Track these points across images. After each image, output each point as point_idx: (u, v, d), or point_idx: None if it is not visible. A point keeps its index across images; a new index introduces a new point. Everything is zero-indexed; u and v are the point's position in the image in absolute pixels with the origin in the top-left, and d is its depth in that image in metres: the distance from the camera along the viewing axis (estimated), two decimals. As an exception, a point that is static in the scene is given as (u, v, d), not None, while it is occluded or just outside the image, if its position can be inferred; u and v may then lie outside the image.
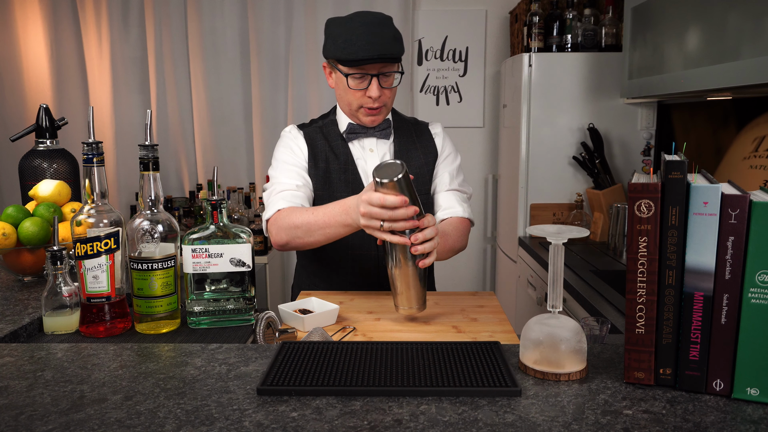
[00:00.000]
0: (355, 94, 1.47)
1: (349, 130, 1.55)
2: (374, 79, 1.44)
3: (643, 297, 0.79)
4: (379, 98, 1.46)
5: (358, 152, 1.56)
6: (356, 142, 1.56)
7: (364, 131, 1.55)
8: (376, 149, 1.56)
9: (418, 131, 1.62)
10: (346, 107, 1.53)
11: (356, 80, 1.45)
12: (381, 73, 1.44)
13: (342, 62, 1.42)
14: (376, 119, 1.52)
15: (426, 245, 1.22)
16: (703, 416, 0.73)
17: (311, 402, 0.77)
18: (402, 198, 1.16)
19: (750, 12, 1.51)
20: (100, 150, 1.09)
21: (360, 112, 1.50)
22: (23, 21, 3.36)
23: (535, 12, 2.66)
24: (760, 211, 0.73)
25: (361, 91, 1.46)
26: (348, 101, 1.50)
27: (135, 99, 3.41)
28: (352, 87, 1.45)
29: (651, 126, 2.67)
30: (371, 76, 1.43)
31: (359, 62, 1.40)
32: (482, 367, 0.86)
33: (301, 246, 1.42)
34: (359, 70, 1.42)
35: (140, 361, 0.92)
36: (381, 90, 1.45)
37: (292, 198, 1.47)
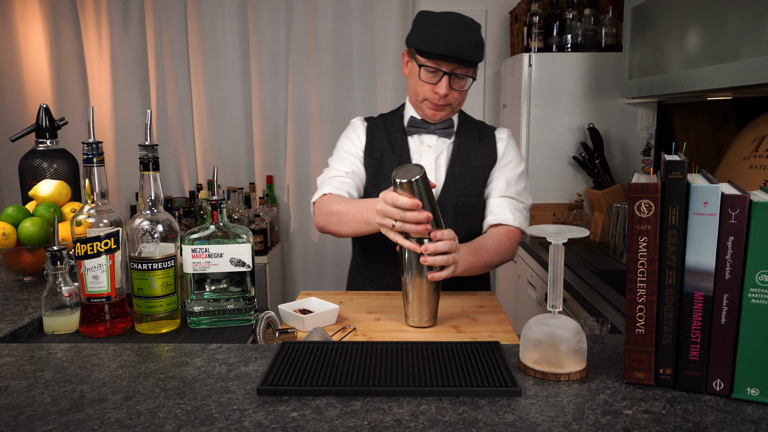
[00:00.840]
0: (424, 86, 1.48)
1: (410, 124, 1.57)
2: (445, 77, 1.45)
3: (643, 297, 0.79)
4: (445, 96, 1.47)
5: (416, 146, 1.57)
6: (416, 137, 1.57)
7: (426, 127, 1.56)
8: (434, 146, 1.56)
9: (482, 134, 1.61)
10: (414, 97, 1.54)
11: (429, 73, 1.46)
12: (453, 73, 1.45)
13: (419, 52, 1.44)
14: (437, 115, 1.53)
15: (437, 258, 1.22)
16: (703, 416, 0.73)
17: (311, 402, 0.77)
18: (414, 201, 1.16)
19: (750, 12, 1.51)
20: (100, 150, 1.09)
21: (424, 104, 1.52)
22: (23, 21, 3.36)
23: (535, 12, 2.66)
24: (760, 211, 0.73)
25: (430, 84, 1.47)
26: (416, 91, 1.51)
27: (135, 99, 3.41)
28: (423, 79, 1.47)
29: (651, 126, 2.67)
30: (443, 73, 1.45)
31: (435, 56, 1.42)
32: (482, 367, 0.86)
33: (335, 233, 1.46)
34: (433, 64, 1.44)
35: (140, 361, 0.92)
36: (449, 89, 1.46)
37: (340, 184, 1.51)
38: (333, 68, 3.28)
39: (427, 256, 1.22)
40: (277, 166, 3.43)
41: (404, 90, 3.27)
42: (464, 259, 1.34)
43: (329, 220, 1.44)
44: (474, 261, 1.38)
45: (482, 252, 1.42)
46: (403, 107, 1.64)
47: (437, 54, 1.41)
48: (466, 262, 1.35)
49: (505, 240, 1.48)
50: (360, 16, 3.23)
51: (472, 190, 1.55)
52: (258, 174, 3.43)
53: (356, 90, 3.30)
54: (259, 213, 3.21)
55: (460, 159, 1.56)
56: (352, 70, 3.29)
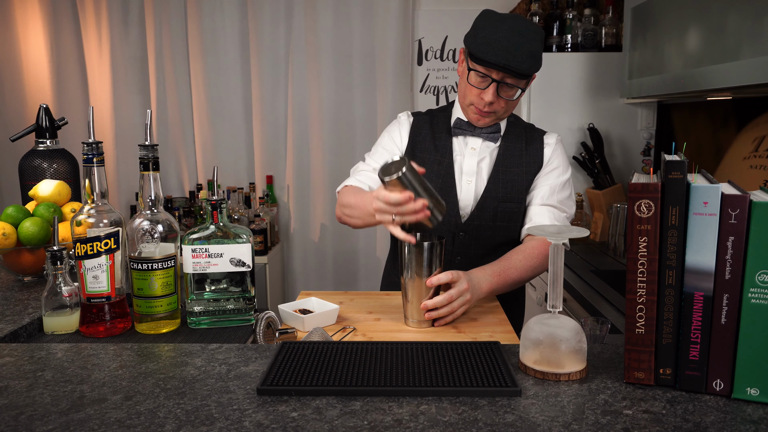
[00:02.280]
0: (472, 90, 1.45)
1: (456, 125, 1.55)
2: (493, 84, 1.41)
3: (643, 297, 0.79)
4: (491, 104, 1.44)
5: (460, 147, 1.54)
6: (461, 138, 1.55)
7: (472, 129, 1.53)
8: (478, 149, 1.54)
9: (530, 138, 1.57)
10: (462, 98, 1.52)
11: (478, 78, 1.43)
12: (503, 82, 1.41)
13: (472, 56, 1.41)
14: (482, 120, 1.50)
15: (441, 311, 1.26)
16: (703, 416, 0.73)
17: (311, 402, 0.77)
18: (405, 195, 1.16)
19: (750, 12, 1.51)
20: (100, 150, 1.09)
21: (470, 109, 1.49)
22: (23, 21, 3.36)
23: (535, 12, 2.66)
24: (760, 211, 0.73)
25: (478, 90, 1.44)
26: (464, 93, 1.49)
27: (135, 99, 3.41)
28: (472, 83, 1.44)
29: (651, 126, 2.66)
30: (492, 80, 1.41)
31: (485, 63, 1.38)
32: (482, 367, 0.86)
33: (349, 225, 1.47)
34: (483, 70, 1.40)
35: (140, 361, 0.92)
36: (497, 97, 1.43)
37: (365, 178, 1.53)
38: (333, 68, 3.28)
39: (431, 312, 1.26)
40: (277, 166, 3.43)
41: (404, 90, 3.28)
42: (487, 282, 1.35)
43: (344, 211, 1.46)
44: (499, 282, 1.38)
45: (508, 271, 1.40)
46: (452, 105, 1.62)
47: (487, 62, 1.37)
48: (490, 285, 1.36)
49: (537, 254, 1.44)
50: (360, 16, 3.23)
51: (513, 197, 1.51)
52: (258, 174, 3.43)
53: (356, 90, 3.30)
54: (259, 213, 3.21)
55: (504, 164, 1.52)
56: (352, 70, 3.29)
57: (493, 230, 1.52)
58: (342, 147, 3.33)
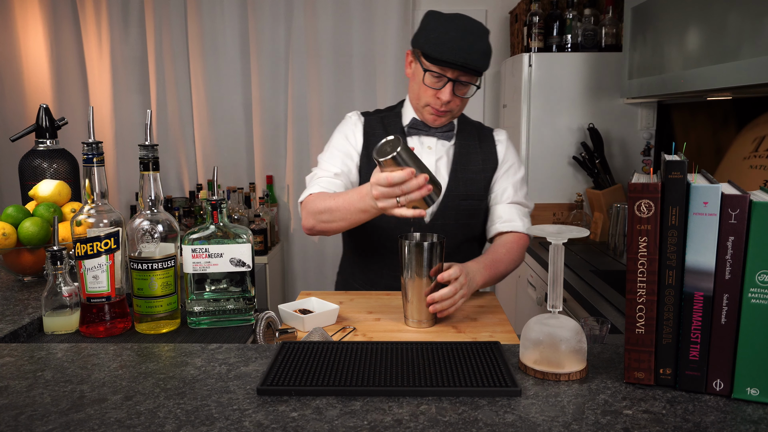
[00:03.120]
0: (427, 91, 1.46)
1: (411, 125, 1.55)
2: (449, 83, 1.43)
3: (643, 297, 0.79)
4: (448, 103, 1.46)
5: (416, 147, 1.55)
6: (416, 138, 1.56)
7: (427, 129, 1.55)
8: (434, 148, 1.55)
9: (482, 136, 1.61)
10: (414, 100, 1.52)
11: (433, 78, 1.44)
12: (458, 80, 1.43)
13: (426, 56, 1.42)
14: (438, 120, 1.52)
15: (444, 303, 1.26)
16: (703, 416, 0.73)
17: (311, 402, 0.77)
18: (407, 170, 1.14)
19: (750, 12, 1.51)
20: (100, 150, 1.09)
21: (425, 110, 1.50)
22: (23, 21, 3.36)
23: (535, 12, 2.66)
24: (760, 211, 0.73)
25: (433, 90, 1.45)
26: (418, 95, 1.49)
27: (135, 99, 3.41)
28: (427, 84, 1.45)
29: (651, 126, 2.66)
30: (448, 79, 1.43)
31: (441, 63, 1.39)
32: (482, 367, 0.86)
33: (326, 232, 1.42)
34: (439, 69, 1.42)
35: (140, 361, 0.92)
36: (452, 96, 1.45)
37: (327, 184, 1.48)
38: (333, 68, 3.28)
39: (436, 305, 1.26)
40: (277, 166, 3.43)
41: (404, 90, 3.28)
42: (480, 274, 1.38)
43: (319, 218, 1.40)
44: (490, 275, 1.42)
45: (497, 264, 1.44)
46: (401, 105, 1.62)
47: (444, 61, 1.39)
48: (483, 277, 1.39)
49: (516, 248, 1.51)
50: (360, 16, 3.23)
51: (474, 194, 1.54)
52: (258, 174, 3.43)
53: (356, 90, 3.30)
54: (259, 213, 3.21)
55: (461, 163, 1.55)
56: (352, 70, 3.29)
57: (456, 228, 1.53)
58: (342, 147, 3.33)
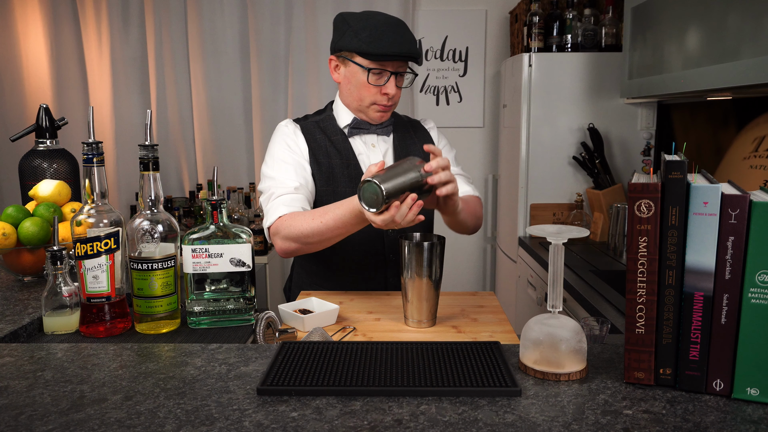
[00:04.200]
0: (371, 90, 1.47)
1: (353, 125, 1.55)
2: (392, 77, 1.45)
3: (643, 297, 0.79)
4: (393, 97, 1.48)
5: (360, 148, 1.56)
6: (357, 138, 1.56)
7: (367, 127, 1.55)
8: (377, 145, 1.57)
9: (414, 127, 1.66)
10: (356, 102, 1.51)
11: (375, 76, 1.45)
12: (398, 72, 1.46)
13: (366, 55, 1.41)
14: (384, 116, 1.53)
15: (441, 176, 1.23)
16: (703, 416, 0.73)
17: (311, 402, 0.77)
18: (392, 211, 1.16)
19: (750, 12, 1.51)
20: (100, 150, 1.09)
21: (371, 109, 1.51)
22: (23, 21, 3.36)
23: (535, 12, 2.66)
24: (760, 211, 0.73)
25: (377, 87, 1.46)
26: (360, 96, 1.49)
27: (135, 99, 3.41)
28: (371, 82, 1.45)
29: (651, 126, 2.66)
30: (390, 73, 1.44)
31: (385, 57, 1.40)
32: (482, 367, 0.86)
33: (311, 251, 1.40)
34: (380, 65, 1.43)
35: (140, 361, 0.92)
36: (396, 89, 1.47)
37: (292, 202, 1.42)
38: (333, 68, 3.28)
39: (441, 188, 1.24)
40: (277, 166, 3.43)
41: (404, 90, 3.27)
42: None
43: (304, 241, 1.35)
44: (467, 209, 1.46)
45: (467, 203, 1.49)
46: (330, 108, 1.61)
47: (386, 55, 1.40)
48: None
49: (476, 204, 1.56)
50: (360, 16, 3.23)
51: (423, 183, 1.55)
52: (258, 174, 3.43)
53: (356, 90, 3.30)
54: (259, 213, 3.21)
55: (404, 155, 1.57)
56: (352, 70, 3.29)
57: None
58: (342, 147, 3.33)
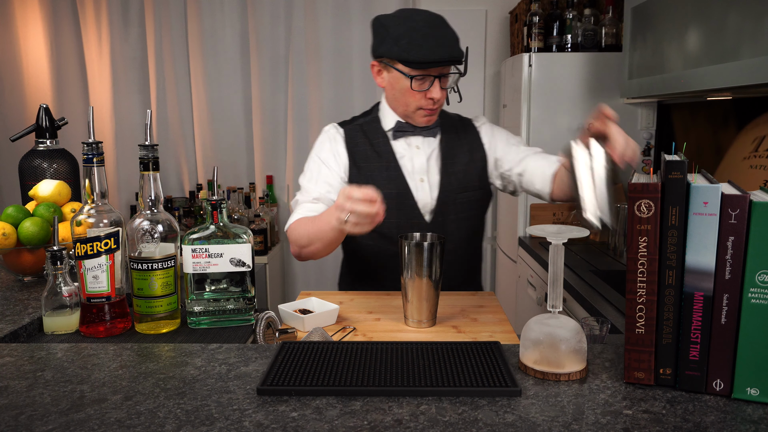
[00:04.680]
0: (416, 96, 1.43)
1: (397, 128, 1.53)
2: (436, 81, 1.40)
3: (643, 297, 0.79)
4: (438, 100, 1.44)
5: (403, 149, 1.54)
6: (402, 140, 1.54)
7: (412, 129, 1.53)
8: (422, 146, 1.54)
9: (464, 127, 1.60)
10: (402, 108, 1.49)
11: (418, 82, 1.41)
12: (442, 75, 1.41)
13: (407, 63, 1.37)
14: (431, 119, 1.50)
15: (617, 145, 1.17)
16: (703, 416, 0.73)
17: (311, 402, 0.77)
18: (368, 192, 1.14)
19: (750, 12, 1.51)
20: (100, 150, 1.09)
21: (417, 114, 1.48)
22: (23, 21, 3.36)
23: (535, 12, 2.66)
24: (760, 211, 0.73)
25: (422, 92, 1.42)
26: (406, 102, 1.46)
27: (135, 99, 3.41)
28: (415, 89, 1.41)
29: (651, 126, 2.66)
30: (433, 77, 1.40)
31: (426, 65, 1.36)
32: (482, 367, 0.86)
33: (312, 256, 1.41)
34: (423, 72, 1.38)
35: (140, 361, 0.92)
36: (441, 91, 1.43)
37: (307, 212, 1.46)
38: (333, 68, 3.28)
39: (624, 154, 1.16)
40: (277, 166, 3.43)
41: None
42: None
43: (301, 246, 1.40)
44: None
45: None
46: (377, 110, 1.59)
47: (428, 62, 1.35)
48: None
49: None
50: (360, 16, 3.23)
51: (468, 186, 1.54)
52: (258, 174, 3.43)
53: (356, 90, 3.30)
54: (259, 213, 3.21)
55: (449, 157, 1.54)
56: (352, 70, 3.29)
57: (457, 223, 1.53)
58: (342, 147, 3.33)
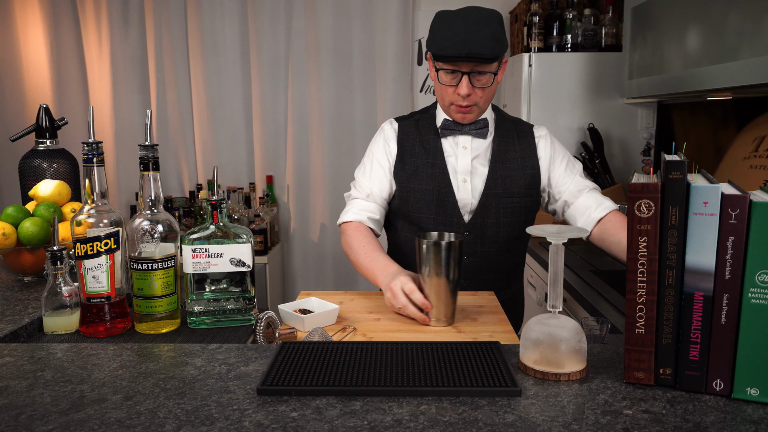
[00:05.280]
0: (447, 90, 1.47)
1: (444, 126, 1.55)
2: (465, 77, 1.42)
3: (643, 297, 0.79)
4: (467, 97, 1.45)
5: (450, 148, 1.55)
6: (450, 138, 1.55)
7: (460, 128, 1.53)
8: (470, 147, 1.54)
9: (520, 132, 1.59)
10: (440, 101, 1.53)
11: (448, 76, 1.44)
12: (473, 72, 1.42)
13: (436, 57, 1.42)
14: (466, 117, 1.50)
15: None
16: (703, 416, 0.73)
17: (311, 402, 0.77)
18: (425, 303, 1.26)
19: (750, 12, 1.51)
20: (100, 150, 1.09)
21: (451, 109, 1.50)
22: (23, 21, 3.36)
23: (535, 12, 2.66)
24: (760, 211, 0.73)
25: (452, 87, 1.45)
26: (441, 96, 1.51)
27: (135, 99, 3.41)
28: (444, 82, 1.46)
29: (651, 126, 2.66)
30: (462, 73, 1.42)
31: (449, 59, 1.40)
32: (482, 367, 0.86)
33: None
34: (450, 66, 1.42)
35: (140, 361, 0.92)
36: (471, 89, 1.44)
37: (360, 211, 1.55)
38: (333, 68, 3.28)
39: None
40: (277, 166, 3.43)
41: (404, 90, 3.28)
42: None
43: (347, 251, 1.54)
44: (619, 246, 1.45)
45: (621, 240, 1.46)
46: (435, 106, 1.62)
47: (449, 56, 1.39)
48: None
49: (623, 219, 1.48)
50: (360, 16, 3.23)
51: (514, 192, 1.53)
52: (258, 174, 3.43)
53: (356, 90, 3.30)
54: (259, 213, 3.21)
55: (499, 160, 1.53)
56: (352, 70, 3.29)
57: (497, 227, 1.53)
58: (342, 147, 3.33)
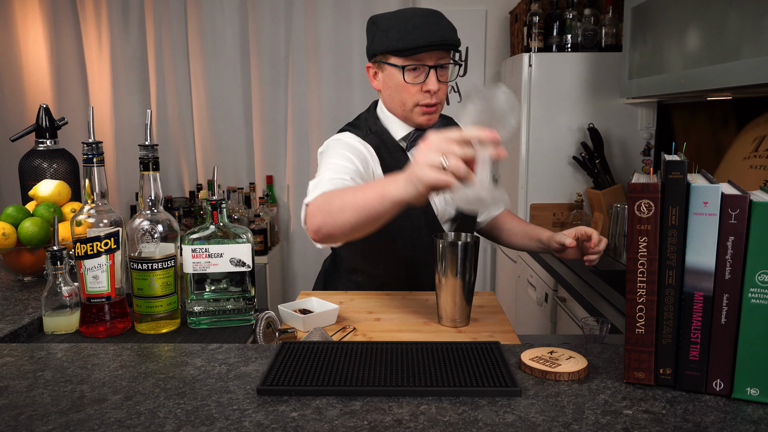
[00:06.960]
0: (410, 90, 1.35)
1: (408, 139, 1.42)
2: (432, 71, 1.33)
3: (643, 297, 0.79)
4: (437, 92, 1.35)
5: None
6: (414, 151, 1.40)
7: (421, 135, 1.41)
8: None
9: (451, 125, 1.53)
10: (399, 108, 1.40)
11: (413, 73, 1.34)
12: (438, 65, 1.33)
13: (398, 53, 1.31)
14: (432, 118, 1.40)
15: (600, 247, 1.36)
16: (703, 416, 0.73)
17: (311, 402, 0.77)
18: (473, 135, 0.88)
19: (750, 12, 1.51)
20: (100, 150, 1.09)
21: (415, 112, 1.38)
22: (23, 21, 3.36)
23: (535, 12, 2.66)
24: (760, 211, 0.73)
25: (417, 86, 1.34)
26: (401, 100, 1.38)
27: (135, 99, 3.41)
28: (409, 81, 1.34)
29: (651, 126, 2.66)
30: (429, 68, 1.33)
31: (419, 49, 1.29)
32: (482, 367, 0.86)
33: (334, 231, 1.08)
34: (415, 60, 1.32)
35: (140, 361, 0.92)
36: (439, 84, 1.35)
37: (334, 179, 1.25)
38: (333, 68, 3.28)
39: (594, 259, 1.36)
40: (277, 166, 3.43)
41: (404, 90, 3.28)
42: None
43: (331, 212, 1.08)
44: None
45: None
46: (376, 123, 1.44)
47: (420, 47, 1.28)
48: None
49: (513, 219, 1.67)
50: (360, 16, 3.23)
51: None
52: (258, 174, 3.43)
53: (356, 90, 3.30)
54: (259, 213, 3.21)
55: None
56: (352, 70, 3.29)
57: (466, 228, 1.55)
58: (342, 147, 3.33)
